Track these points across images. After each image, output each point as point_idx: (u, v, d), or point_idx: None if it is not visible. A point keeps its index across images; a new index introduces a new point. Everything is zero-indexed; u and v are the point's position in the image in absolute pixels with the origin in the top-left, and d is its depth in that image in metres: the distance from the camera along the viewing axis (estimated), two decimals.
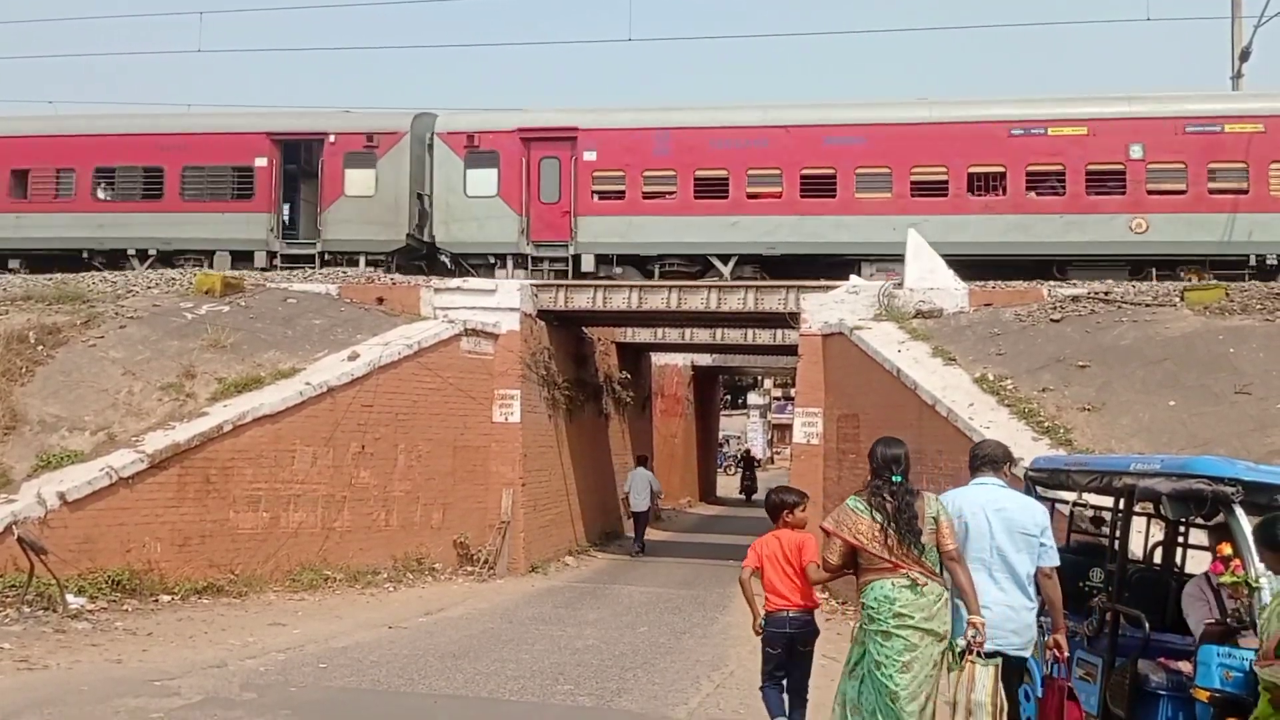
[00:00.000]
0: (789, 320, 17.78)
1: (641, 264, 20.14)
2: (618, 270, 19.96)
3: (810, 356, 16.59)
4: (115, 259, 21.39)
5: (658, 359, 31.16)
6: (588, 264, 19.93)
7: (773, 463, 54.86)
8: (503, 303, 17.52)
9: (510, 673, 9.30)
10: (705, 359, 33.30)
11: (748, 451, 46.72)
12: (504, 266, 20.19)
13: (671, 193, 19.81)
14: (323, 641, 10.53)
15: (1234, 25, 23.65)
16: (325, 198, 20.88)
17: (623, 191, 19.99)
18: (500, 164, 20.36)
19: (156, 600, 11.91)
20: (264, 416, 13.73)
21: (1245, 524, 5.42)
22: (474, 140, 20.49)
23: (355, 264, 20.60)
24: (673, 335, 26.39)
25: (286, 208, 22.01)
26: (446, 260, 20.81)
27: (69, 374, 14.13)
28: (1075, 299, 15.69)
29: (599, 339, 23.55)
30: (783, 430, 53.42)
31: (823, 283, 17.86)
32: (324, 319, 16.61)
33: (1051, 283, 17.55)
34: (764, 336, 25.05)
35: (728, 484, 41.94)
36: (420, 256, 21.14)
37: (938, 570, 5.53)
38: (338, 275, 19.47)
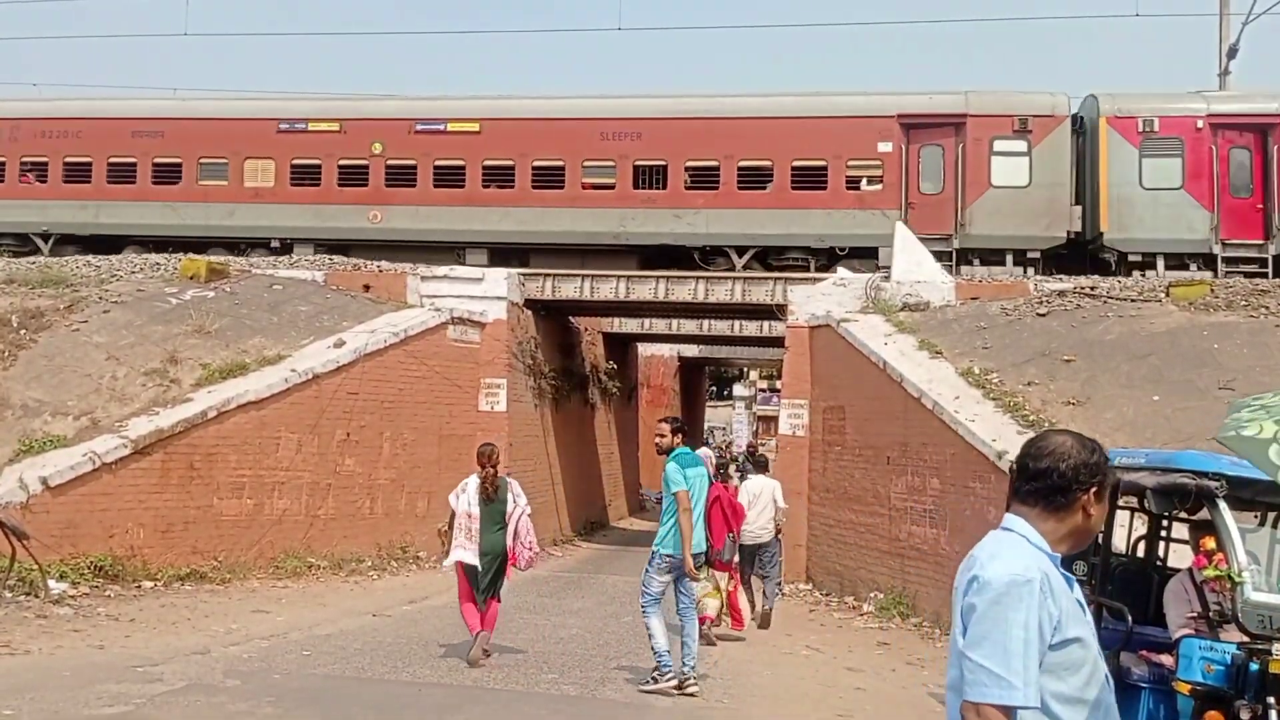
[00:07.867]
0: (776, 312, 17.81)
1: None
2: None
3: (797, 348, 16.61)
4: None
5: (644, 349, 31.14)
6: None
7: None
8: (489, 291, 17.50)
9: (494, 661, 9.29)
10: (692, 350, 33.32)
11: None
12: None
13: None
14: (306, 629, 10.50)
15: (1221, 22, 23.71)
16: None
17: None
18: None
19: (139, 586, 11.87)
20: (249, 403, 13.68)
21: (1229, 518, 5.47)
22: None
23: None
24: (659, 326, 26.38)
25: None
26: None
27: (52, 358, 14.04)
28: (1061, 294, 15.76)
29: (586, 329, 23.54)
30: (767, 422, 53.41)
31: (807, 274, 17.95)
32: (310, 306, 16.54)
33: (1038, 277, 17.64)
34: (750, 328, 25.08)
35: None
36: None
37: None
38: (323, 262, 19.43)
